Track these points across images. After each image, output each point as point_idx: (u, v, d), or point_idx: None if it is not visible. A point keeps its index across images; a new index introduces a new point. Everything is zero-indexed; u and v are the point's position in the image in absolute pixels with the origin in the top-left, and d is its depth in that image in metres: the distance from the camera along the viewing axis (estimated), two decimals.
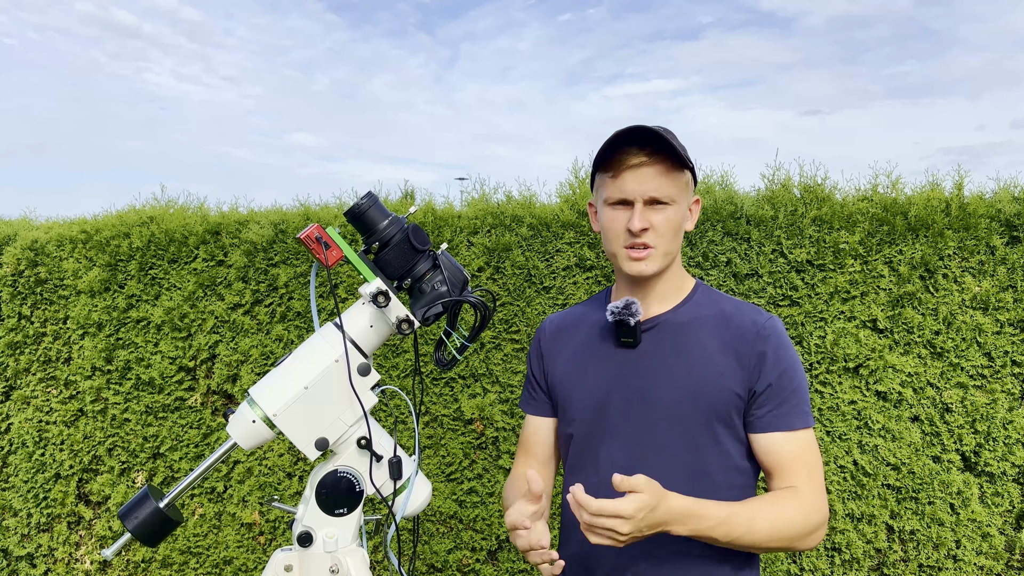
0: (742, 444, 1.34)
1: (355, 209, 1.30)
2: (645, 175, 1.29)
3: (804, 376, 1.35)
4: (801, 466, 1.29)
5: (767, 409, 1.31)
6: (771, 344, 1.32)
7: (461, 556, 3.02)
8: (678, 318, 1.37)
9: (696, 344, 1.34)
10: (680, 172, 1.32)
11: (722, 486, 1.31)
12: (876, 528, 2.79)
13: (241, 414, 1.27)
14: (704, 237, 2.86)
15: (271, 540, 3.15)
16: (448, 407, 3.02)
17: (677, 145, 1.29)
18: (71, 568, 3.31)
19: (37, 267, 3.28)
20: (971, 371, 2.76)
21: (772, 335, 1.32)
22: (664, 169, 1.30)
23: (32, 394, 3.29)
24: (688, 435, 1.31)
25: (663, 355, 1.35)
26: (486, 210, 3.06)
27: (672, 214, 1.31)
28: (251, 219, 3.19)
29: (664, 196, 1.30)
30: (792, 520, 1.24)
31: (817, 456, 1.33)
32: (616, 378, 1.37)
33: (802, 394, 1.33)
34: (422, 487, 1.36)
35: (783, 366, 1.31)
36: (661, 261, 1.33)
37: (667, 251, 1.33)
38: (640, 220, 1.29)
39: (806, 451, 1.31)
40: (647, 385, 1.34)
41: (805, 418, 1.32)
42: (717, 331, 1.34)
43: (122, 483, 3.20)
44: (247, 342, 3.10)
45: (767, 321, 1.34)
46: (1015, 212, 2.74)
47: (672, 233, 1.32)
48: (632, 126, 1.28)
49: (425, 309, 1.30)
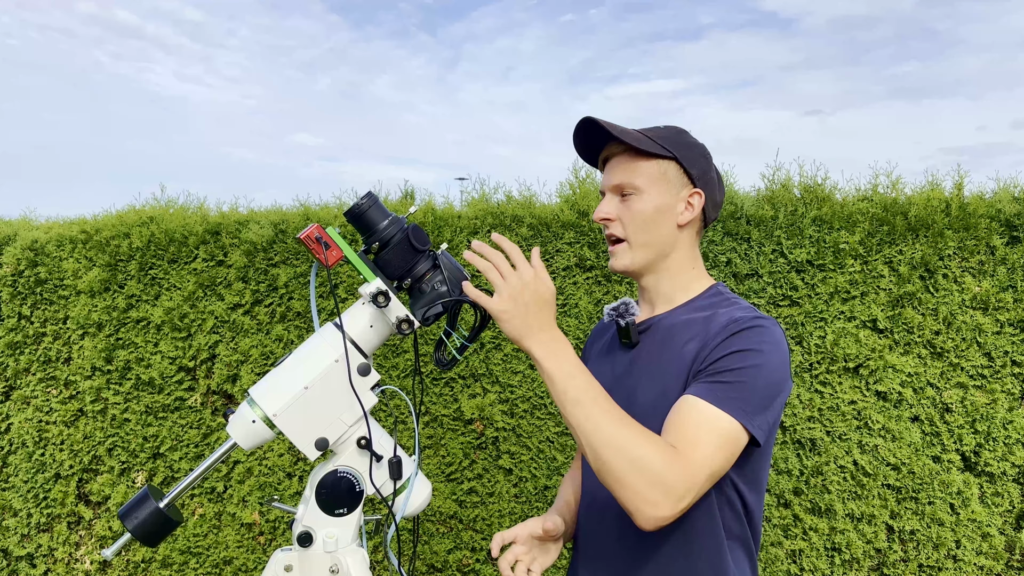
0: None
1: (355, 209, 1.30)
2: (612, 164, 1.31)
3: (767, 378, 1.14)
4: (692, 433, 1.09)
5: (699, 379, 1.15)
6: (736, 331, 1.16)
7: (461, 556, 3.02)
8: (671, 320, 1.31)
9: (679, 346, 1.24)
10: (649, 160, 1.26)
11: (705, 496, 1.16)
12: (876, 528, 2.79)
13: (241, 414, 1.27)
14: (704, 237, 2.86)
15: (271, 540, 3.15)
16: (448, 407, 3.02)
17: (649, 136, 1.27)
18: (71, 568, 3.31)
19: (37, 267, 3.28)
20: (971, 371, 2.76)
21: (736, 324, 1.17)
22: (629, 157, 1.28)
23: (32, 394, 3.29)
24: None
25: (651, 357, 1.31)
26: (486, 210, 3.06)
27: (639, 204, 1.26)
28: (251, 219, 3.19)
29: (628, 185, 1.27)
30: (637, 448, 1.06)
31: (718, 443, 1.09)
32: (615, 378, 1.36)
33: (746, 385, 1.12)
34: (422, 487, 1.36)
35: (733, 348, 1.15)
36: (634, 255, 1.28)
37: (644, 243, 1.27)
38: (600, 209, 1.29)
39: (708, 426, 1.09)
40: (635, 386, 1.31)
41: (733, 405, 1.10)
42: (698, 332, 1.23)
43: (122, 483, 3.20)
44: (247, 342, 3.09)
45: (753, 318, 1.19)
46: (1015, 212, 2.74)
47: (642, 224, 1.26)
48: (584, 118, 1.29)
49: (425, 309, 1.30)
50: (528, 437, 2.97)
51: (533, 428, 2.97)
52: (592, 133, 1.31)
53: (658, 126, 1.33)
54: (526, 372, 2.98)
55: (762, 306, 2.84)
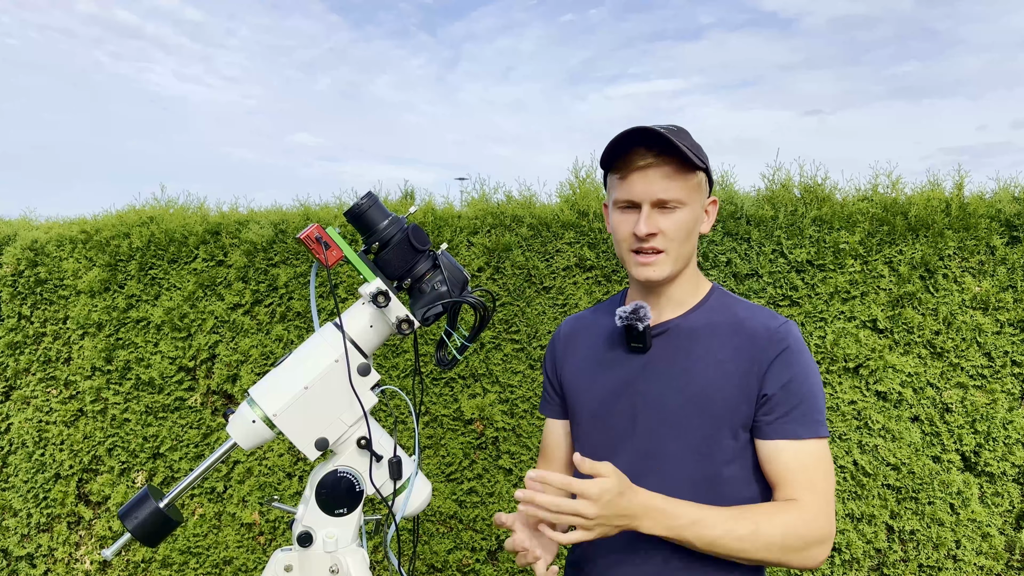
0: (751, 455, 1.28)
1: (355, 209, 1.30)
2: (652, 177, 1.24)
3: (819, 384, 1.27)
4: (804, 478, 1.21)
5: (775, 416, 1.24)
6: (783, 348, 1.25)
7: (461, 556, 3.02)
8: (689, 323, 1.32)
9: (705, 350, 1.29)
10: (691, 173, 1.27)
11: (728, 498, 1.25)
12: (876, 528, 2.79)
13: (241, 414, 1.27)
14: (704, 237, 2.86)
15: (271, 540, 3.15)
16: (448, 407, 3.02)
17: (686, 146, 1.23)
18: (71, 568, 3.31)
19: (37, 267, 3.28)
20: (971, 371, 2.76)
21: (785, 340, 1.26)
22: (673, 170, 1.24)
23: (32, 394, 3.29)
24: (694, 443, 1.27)
25: (672, 361, 1.31)
26: (486, 210, 3.06)
27: (682, 217, 1.26)
28: (251, 219, 3.19)
29: (673, 199, 1.25)
30: (780, 530, 1.16)
31: (826, 470, 1.23)
32: (624, 384, 1.34)
33: (813, 401, 1.25)
34: (422, 487, 1.36)
35: (794, 371, 1.24)
36: (672, 266, 1.28)
37: (679, 255, 1.28)
38: (647, 224, 1.24)
39: (812, 462, 1.22)
40: (655, 391, 1.30)
41: (816, 428, 1.23)
42: (729, 337, 1.29)
43: (122, 483, 3.20)
44: (247, 342, 3.10)
45: (781, 326, 1.28)
46: (1015, 212, 2.74)
47: (683, 236, 1.27)
48: (638, 127, 1.23)
49: (425, 309, 1.30)
50: (528, 437, 2.97)
51: (533, 428, 2.97)
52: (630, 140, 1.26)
53: (670, 127, 1.28)
54: (526, 372, 2.98)
55: None
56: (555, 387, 1.50)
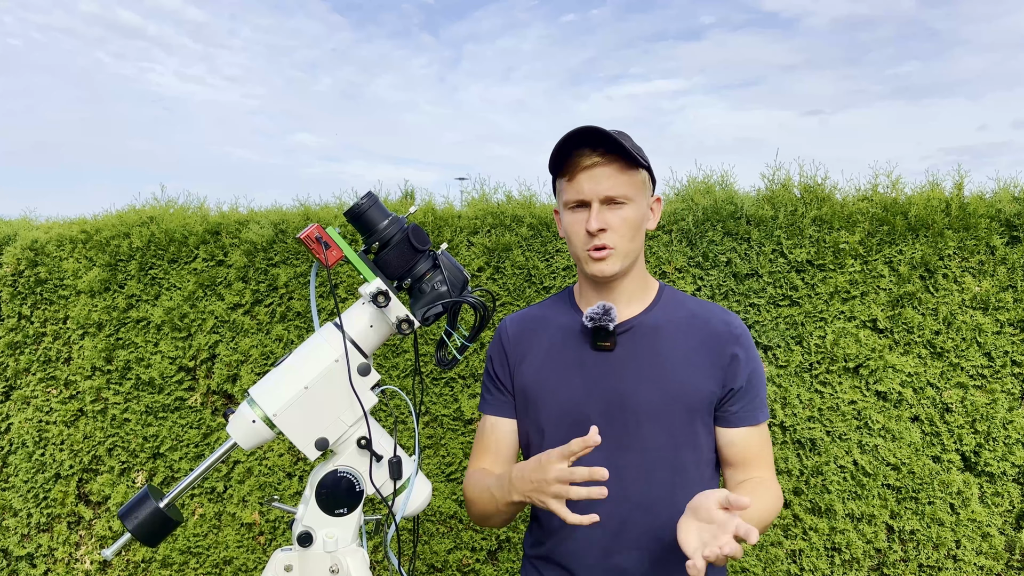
0: (712, 439, 1.41)
1: (355, 209, 1.30)
2: (599, 175, 1.31)
3: (763, 369, 1.46)
4: (764, 457, 1.41)
5: (740, 406, 1.39)
6: (743, 345, 1.40)
7: (461, 556, 3.02)
8: (651, 321, 1.40)
9: (672, 346, 1.38)
10: (635, 171, 1.34)
11: (695, 480, 1.36)
12: (876, 528, 2.79)
13: (241, 414, 1.27)
14: (704, 237, 2.86)
15: (271, 540, 3.15)
16: (448, 407, 3.03)
17: (629, 145, 1.30)
18: (71, 568, 3.31)
19: (37, 267, 3.29)
20: (971, 371, 2.76)
21: (742, 336, 1.41)
22: (618, 169, 1.31)
23: (32, 394, 3.29)
24: (670, 433, 1.35)
25: (640, 358, 1.37)
26: (486, 210, 3.06)
27: (629, 213, 1.33)
28: (251, 219, 3.19)
29: (620, 195, 1.32)
30: (771, 508, 1.34)
31: (771, 445, 1.46)
32: (593, 382, 1.37)
33: (763, 388, 1.43)
34: (422, 487, 1.36)
35: (753, 366, 1.40)
36: (622, 260, 1.35)
37: (627, 250, 1.35)
38: (597, 220, 1.31)
39: (765, 442, 1.42)
40: (628, 388, 1.35)
41: (765, 411, 1.43)
42: (690, 332, 1.40)
43: (122, 483, 3.20)
44: (247, 342, 3.10)
45: (736, 321, 1.43)
46: (1015, 212, 2.74)
47: (630, 232, 1.34)
48: (580, 127, 1.29)
49: (425, 309, 1.30)
50: None
51: None
52: (574, 142, 1.32)
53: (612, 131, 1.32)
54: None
55: (762, 306, 2.84)
56: (505, 386, 1.50)
